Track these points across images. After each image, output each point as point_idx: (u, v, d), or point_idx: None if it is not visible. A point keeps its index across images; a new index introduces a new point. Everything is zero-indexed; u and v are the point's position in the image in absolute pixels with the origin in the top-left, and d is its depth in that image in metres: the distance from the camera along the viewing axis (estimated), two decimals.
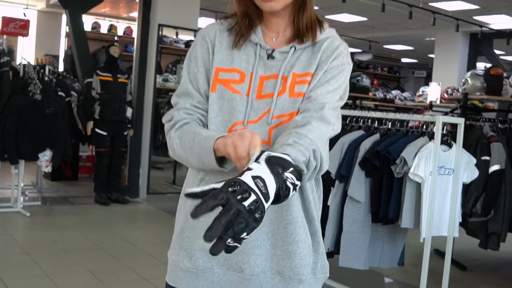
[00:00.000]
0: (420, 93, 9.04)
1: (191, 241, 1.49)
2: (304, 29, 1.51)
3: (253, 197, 1.05)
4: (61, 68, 11.26)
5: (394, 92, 10.62)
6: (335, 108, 1.46)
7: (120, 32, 11.98)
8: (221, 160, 1.38)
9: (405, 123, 3.66)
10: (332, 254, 3.65)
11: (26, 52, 11.41)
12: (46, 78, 6.67)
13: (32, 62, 9.13)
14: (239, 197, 1.04)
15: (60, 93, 6.46)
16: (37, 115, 5.92)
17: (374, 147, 3.49)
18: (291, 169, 1.17)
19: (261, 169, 1.13)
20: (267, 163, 1.15)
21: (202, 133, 1.43)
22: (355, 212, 3.50)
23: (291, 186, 1.15)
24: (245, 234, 1.03)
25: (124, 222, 6.36)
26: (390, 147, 3.42)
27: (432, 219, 3.35)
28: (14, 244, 5.00)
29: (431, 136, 3.45)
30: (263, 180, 1.10)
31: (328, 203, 3.60)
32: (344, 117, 3.97)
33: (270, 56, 1.51)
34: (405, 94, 10.55)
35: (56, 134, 6.06)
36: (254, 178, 1.09)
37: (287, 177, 1.15)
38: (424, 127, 3.66)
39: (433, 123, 3.52)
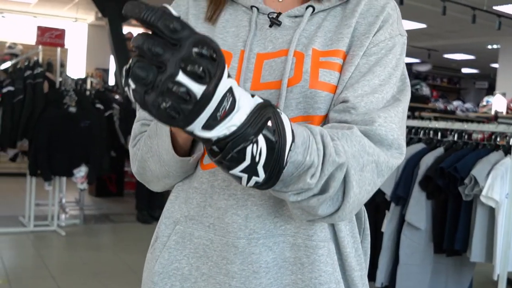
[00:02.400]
0: (484, 103, 8.45)
1: None
2: None
3: (200, 88, 0.65)
4: (112, 82, 11.17)
5: (455, 103, 10.09)
6: (393, 119, 0.91)
7: None
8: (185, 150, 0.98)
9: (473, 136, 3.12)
10: None
11: (76, 66, 11.50)
12: (88, 92, 6.44)
13: (83, 76, 9.03)
14: (188, 67, 0.64)
15: (98, 105, 6.18)
16: (72, 128, 5.64)
17: (437, 163, 2.98)
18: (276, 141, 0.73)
19: (244, 97, 0.72)
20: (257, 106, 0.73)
21: (154, 126, 0.99)
22: (414, 241, 3.01)
23: (248, 152, 0.71)
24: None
25: None
26: (457, 164, 2.89)
27: (510, 252, 2.79)
28: (41, 266, 4.69)
29: (508, 150, 2.89)
30: (233, 96, 0.69)
31: (382, 230, 3.11)
32: None
33: (274, 23, 0.98)
34: (467, 105, 10.00)
35: (92, 149, 5.76)
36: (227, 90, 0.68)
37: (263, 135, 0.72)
38: (496, 139, 3.11)
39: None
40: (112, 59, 11.93)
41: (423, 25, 11.00)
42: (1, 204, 7.23)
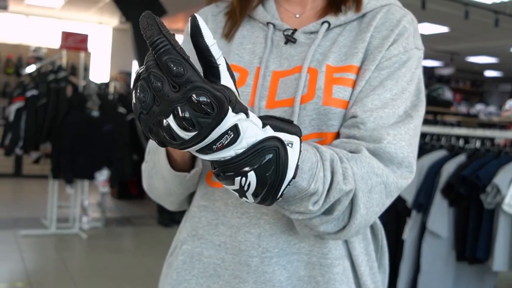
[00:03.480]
0: (507, 107, 8.32)
1: None
2: None
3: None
4: None
5: (478, 106, 9.98)
6: (403, 137, 0.88)
7: None
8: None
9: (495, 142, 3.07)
10: None
11: (100, 69, 11.61)
12: (111, 96, 6.48)
13: (107, 79, 9.13)
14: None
15: (120, 110, 6.22)
16: (94, 132, 5.68)
17: (459, 171, 2.92)
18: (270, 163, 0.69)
19: (251, 130, 0.68)
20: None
21: None
22: (436, 248, 2.95)
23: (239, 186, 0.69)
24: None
25: None
26: (479, 171, 2.84)
27: None
28: (63, 270, 4.72)
29: None
30: (236, 132, 0.66)
31: (403, 237, 3.06)
32: (422, 135, 3.41)
33: (289, 40, 0.96)
34: (490, 108, 9.88)
35: (114, 153, 5.80)
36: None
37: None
38: None
39: None
40: (135, 63, 12.07)
41: (446, 29, 10.90)
42: (24, 206, 7.32)
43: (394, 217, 3.17)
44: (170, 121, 0.61)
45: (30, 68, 7.77)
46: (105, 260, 5.12)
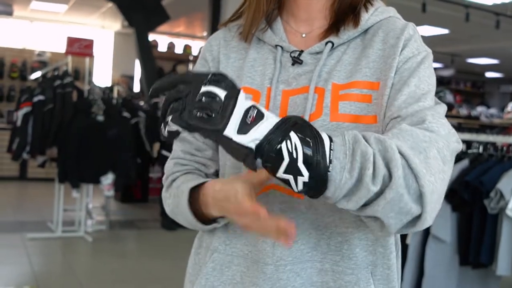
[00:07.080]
0: (509, 109, 8.34)
1: None
2: (343, 11, 1.03)
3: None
4: (137, 88, 11.29)
5: (479, 108, 9.97)
6: (441, 115, 0.92)
7: (195, 51, 11.83)
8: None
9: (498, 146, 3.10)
10: None
11: (102, 73, 11.65)
12: (115, 100, 6.52)
13: (109, 83, 9.16)
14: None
15: (124, 114, 6.26)
16: (99, 137, 5.72)
17: (462, 176, 2.97)
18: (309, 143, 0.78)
19: (271, 114, 0.81)
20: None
21: (180, 185, 1.02)
22: (439, 253, 2.99)
23: (286, 154, 0.77)
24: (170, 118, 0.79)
25: (188, 251, 6.02)
26: (482, 177, 2.88)
27: None
28: (70, 273, 4.78)
29: None
30: (258, 110, 0.80)
31: (407, 242, 3.10)
32: None
33: (296, 61, 1.02)
34: (492, 110, 9.88)
35: (119, 157, 5.84)
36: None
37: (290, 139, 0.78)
38: None
39: None
40: (138, 66, 12.12)
41: (446, 31, 10.93)
42: (30, 209, 7.36)
43: None
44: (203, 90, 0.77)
45: (36, 74, 7.82)
46: (110, 262, 5.16)
